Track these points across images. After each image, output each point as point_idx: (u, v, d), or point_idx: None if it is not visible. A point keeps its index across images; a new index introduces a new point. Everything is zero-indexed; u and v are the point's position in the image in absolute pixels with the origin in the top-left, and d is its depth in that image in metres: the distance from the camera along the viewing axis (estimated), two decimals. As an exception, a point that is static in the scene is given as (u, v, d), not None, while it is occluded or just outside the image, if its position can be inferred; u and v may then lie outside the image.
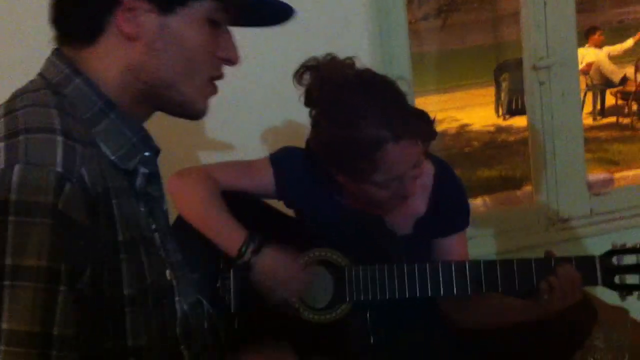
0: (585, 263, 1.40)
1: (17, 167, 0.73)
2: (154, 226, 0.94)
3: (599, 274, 1.39)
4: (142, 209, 0.92)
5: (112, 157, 0.86)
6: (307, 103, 1.46)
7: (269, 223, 1.52)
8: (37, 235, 0.72)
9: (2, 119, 0.81)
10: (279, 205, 1.59)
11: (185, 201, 1.48)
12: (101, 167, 0.82)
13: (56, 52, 0.89)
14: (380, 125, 1.35)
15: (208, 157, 1.92)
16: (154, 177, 0.97)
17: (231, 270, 1.42)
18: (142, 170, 0.92)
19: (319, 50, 1.47)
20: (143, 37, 0.86)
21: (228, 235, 1.40)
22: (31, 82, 0.89)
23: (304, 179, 1.55)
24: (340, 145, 1.38)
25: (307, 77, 1.45)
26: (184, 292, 0.96)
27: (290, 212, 1.62)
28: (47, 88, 0.86)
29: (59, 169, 0.75)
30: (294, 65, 1.45)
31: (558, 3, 2.19)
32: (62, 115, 0.81)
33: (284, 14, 0.96)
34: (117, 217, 0.83)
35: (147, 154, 0.92)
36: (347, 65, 1.43)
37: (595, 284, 1.41)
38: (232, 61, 0.94)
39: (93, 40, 0.87)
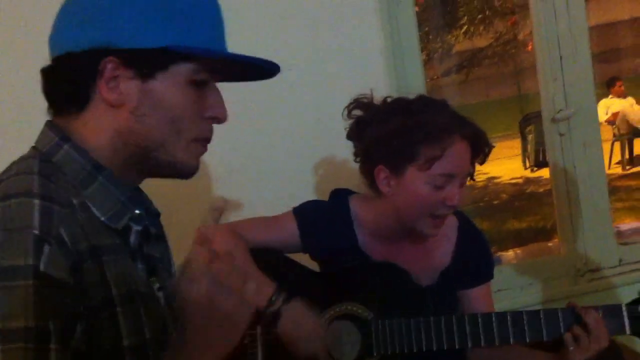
0: (612, 312, 1.40)
1: None
2: (157, 285, 0.95)
3: (626, 322, 1.39)
4: (140, 266, 0.93)
5: (102, 218, 0.88)
6: (355, 133, 1.52)
7: (294, 277, 1.54)
8: (21, 298, 0.73)
9: None
10: (304, 258, 1.61)
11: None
12: (84, 227, 0.83)
13: (48, 123, 0.92)
14: (449, 119, 1.43)
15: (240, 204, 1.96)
16: (155, 237, 0.98)
17: (257, 327, 1.44)
18: (135, 227, 0.93)
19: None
20: (127, 104, 0.88)
21: (258, 286, 1.42)
22: (25, 154, 0.91)
23: (328, 231, 1.56)
24: (410, 130, 1.42)
25: (357, 111, 1.51)
26: None
27: (315, 266, 1.63)
28: (35, 157, 0.88)
29: (36, 231, 0.76)
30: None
31: (574, 55, 2.23)
32: (42, 180, 0.83)
33: (268, 71, 0.96)
34: (108, 273, 0.83)
35: (137, 211, 0.93)
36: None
37: (623, 332, 1.40)
38: (220, 119, 0.95)
39: (81, 109, 0.89)
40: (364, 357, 1.44)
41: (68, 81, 0.89)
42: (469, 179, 1.50)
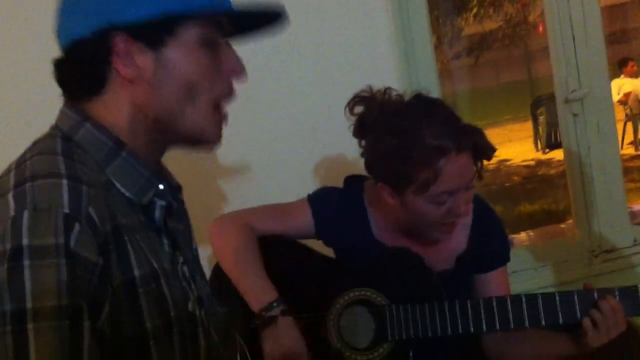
0: (628, 293, 1.39)
1: (25, 214, 0.75)
2: (181, 259, 0.95)
3: None
4: (165, 241, 0.93)
5: (127, 194, 0.88)
6: (359, 131, 1.48)
7: (308, 264, 1.55)
8: (53, 276, 0.73)
9: (14, 170, 0.83)
10: (318, 245, 1.62)
11: (220, 251, 1.53)
12: (110, 206, 0.84)
13: (67, 104, 0.92)
14: (443, 135, 1.37)
15: (248, 197, 1.97)
16: (177, 211, 0.99)
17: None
18: (159, 202, 0.93)
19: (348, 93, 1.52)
20: (144, 76, 0.88)
21: (258, 292, 1.43)
22: (45, 133, 0.92)
23: (343, 218, 1.57)
24: (404, 155, 1.38)
25: (359, 107, 1.48)
26: (212, 325, 0.96)
27: (330, 252, 1.64)
28: (57, 136, 0.89)
29: (66, 210, 0.77)
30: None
31: (586, 35, 2.21)
32: (67, 160, 0.84)
33: (276, 17, 0.96)
34: (131, 253, 0.84)
35: (161, 186, 0.94)
36: (399, 96, 1.48)
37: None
38: (238, 73, 0.94)
39: (99, 91, 0.90)
40: (378, 343, 1.44)
41: (82, 67, 0.89)
42: (476, 178, 1.46)
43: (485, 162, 1.45)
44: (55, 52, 0.91)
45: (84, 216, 0.78)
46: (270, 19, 0.96)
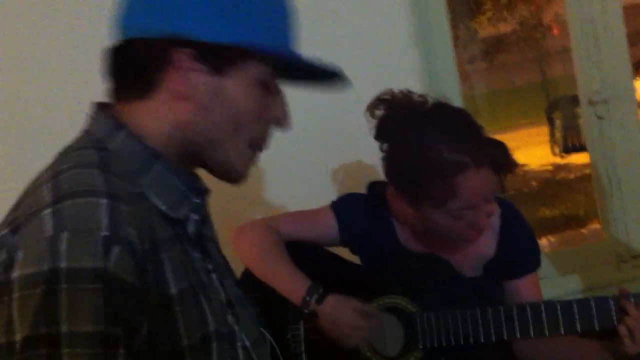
0: None
1: (64, 235, 0.73)
2: (210, 266, 0.93)
3: None
4: (197, 256, 0.90)
5: (162, 207, 0.86)
6: (379, 135, 1.44)
7: (334, 271, 1.52)
8: (90, 301, 0.71)
9: (49, 184, 0.80)
10: (344, 252, 1.59)
11: (248, 253, 1.50)
12: (148, 221, 0.81)
13: (98, 107, 0.89)
14: (462, 150, 1.33)
15: (267, 202, 1.94)
16: (205, 217, 0.96)
17: (300, 322, 1.42)
18: (193, 217, 0.91)
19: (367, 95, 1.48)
20: (194, 97, 0.85)
21: (291, 284, 1.41)
22: (76, 139, 0.89)
23: (368, 224, 1.54)
24: (420, 170, 1.35)
25: (380, 110, 1.44)
26: (245, 328, 0.94)
27: (356, 259, 1.60)
28: (90, 145, 0.86)
29: (106, 232, 0.74)
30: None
31: (609, 36, 2.18)
32: (105, 175, 0.81)
33: (334, 78, 0.95)
34: (167, 270, 0.81)
35: (196, 200, 0.91)
36: (421, 98, 1.43)
37: None
38: (281, 121, 0.93)
39: (142, 96, 0.87)
40: (408, 351, 1.42)
41: (136, 66, 0.86)
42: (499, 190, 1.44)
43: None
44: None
45: (123, 237, 0.75)
46: (327, 76, 0.95)
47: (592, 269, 2.23)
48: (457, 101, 2.06)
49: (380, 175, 1.51)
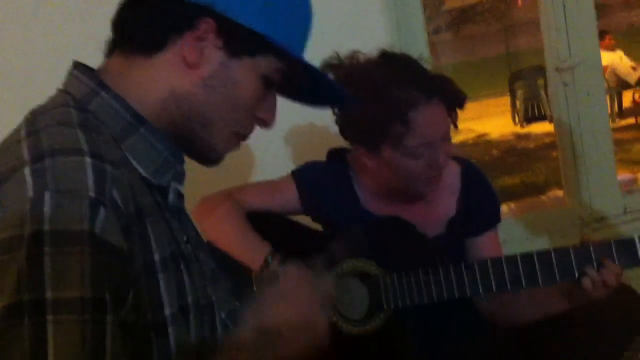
0: (625, 245, 1.34)
1: (47, 195, 0.68)
2: (185, 238, 0.90)
3: None
4: (177, 226, 0.88)
5: (144, 173, 0.83)
6: None
7: (296, 239, 1.52)
8: (77, 265, 0.67)
9: (25, 141, 0.75)
10: (306, 220, 1.59)
11: (209, 224, 1.49)
12: (132, 186, 0.78)
13: (79, 66, 0.86)
14: (411, 86, 1.36)
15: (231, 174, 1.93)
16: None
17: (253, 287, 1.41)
18: (175, 186, 0.89)
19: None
20: (202, 69, 0.84)
21: (252, 249, 1.42)
22: (52, 98, 0.84)
23: (329, 191, 1.55)
24: (374, 113, 1.36)
25: (330, 75, 1.43)
26: (220, 299, 0.93)
27: (318, 227, 1.61)
28: (70, 104, 0.82)
29: (92, 193, 0.70)
30: None
31: (577, 5, 2.20)
32: (88, 134, 0.77)
33: (338, 98, 0.96)
34: (151, 236, 0.79)
35: (179, 169, 0.90)
36: (367, 57, 1.45)
37: (638, 264, 1.34)
38: (267, 123, 0.93)
39: (151, 51, 0.84)
40: (374, 313, 1.42)
41: (156, 19, 0.83)
42: (452, 128, 1.44)
43: (458, 110, 1.43)
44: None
45: (108, 199, 0.72)
46: (328, 94, 0.95)
47: (557, 232, 2.27)
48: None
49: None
